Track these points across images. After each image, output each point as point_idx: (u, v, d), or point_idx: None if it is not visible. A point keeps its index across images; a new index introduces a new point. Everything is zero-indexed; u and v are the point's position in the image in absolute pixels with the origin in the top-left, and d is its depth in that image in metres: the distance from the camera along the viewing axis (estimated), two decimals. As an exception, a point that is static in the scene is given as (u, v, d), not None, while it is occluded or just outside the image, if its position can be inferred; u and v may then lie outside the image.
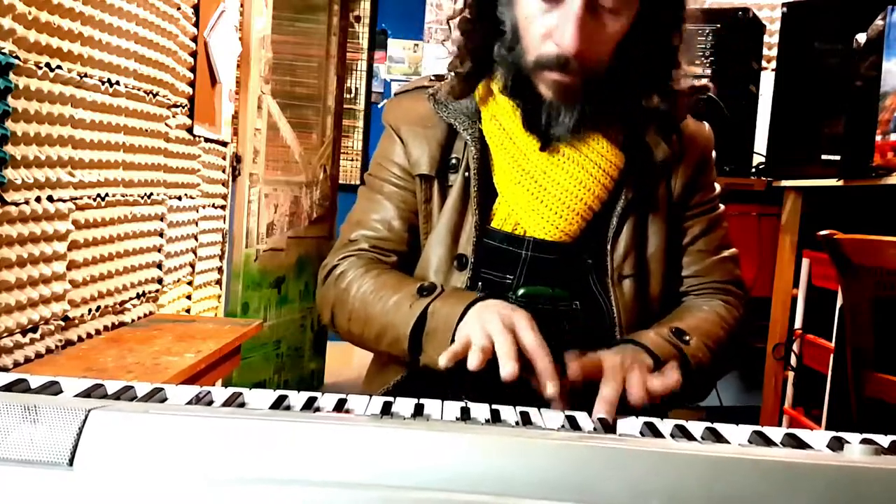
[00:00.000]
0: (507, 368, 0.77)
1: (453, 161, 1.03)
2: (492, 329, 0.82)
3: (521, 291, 0.98)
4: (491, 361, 0.79)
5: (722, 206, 1.10)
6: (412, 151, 1.04)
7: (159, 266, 2.00)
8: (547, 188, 0.96)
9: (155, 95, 1.88)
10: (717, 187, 1.10)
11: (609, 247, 0.99)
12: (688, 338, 0.94)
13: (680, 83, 1.00)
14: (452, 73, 1.03)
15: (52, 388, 0.67)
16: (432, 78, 1.09)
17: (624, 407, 0.81)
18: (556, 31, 0.88)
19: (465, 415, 0.72)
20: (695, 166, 1.05)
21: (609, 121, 0.98)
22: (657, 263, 1.02)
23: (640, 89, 0.97)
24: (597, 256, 0.99)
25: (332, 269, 1.06)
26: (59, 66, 1.43)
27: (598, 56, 0.91)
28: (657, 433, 0.69)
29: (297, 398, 0.72)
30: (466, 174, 1.01)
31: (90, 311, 1.64)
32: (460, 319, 0.87)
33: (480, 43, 1.00)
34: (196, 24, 2.12)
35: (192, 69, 2.12)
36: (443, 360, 0.81)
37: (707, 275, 1.06)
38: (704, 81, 1.05)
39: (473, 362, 0.79)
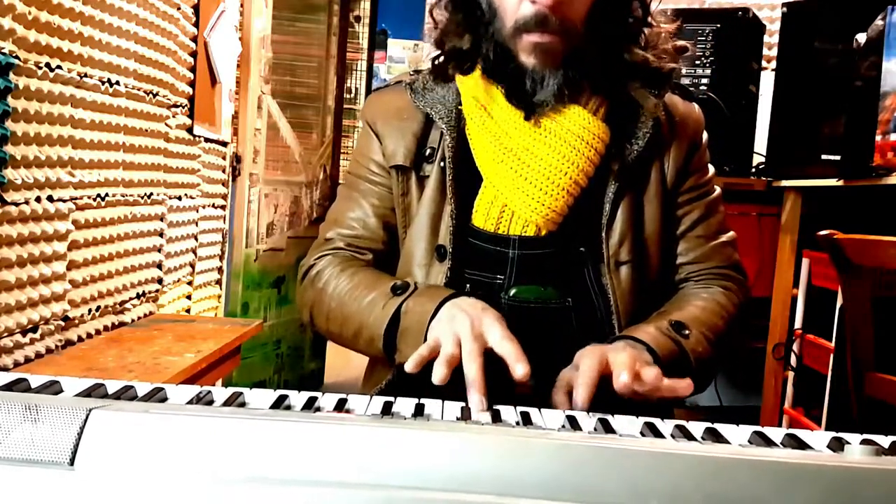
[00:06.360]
0: (474, 398, 0.76)
1: (428, 151, 1.02)
2: (461, 335, 0.81)
3: (512, 292, 0.97)
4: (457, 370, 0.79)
5: (718, 189, 1.09)
6: (388, 144, 1.04)
7: (159, 266, 2.00)
8: (531, 164, 0.95)
9: (155, 95, 1.88)
10: (712, 169, 1.09)
11: (604, 233, 0.97)
12: (687, 331, 0.93)
13: (660, 39, 1.01)
14: (442, 52, 1.04)
15: (52, 388, 0.67)
16: (412, 73, 1.09)
17: (626, 404, 0.81)
18: None
19: (465, 415, 0.72)
20: (687, 148, 1.04)
21: (592, 88, 0.98)
22: (654, 248, 1.00)
23: (621, 44, 0.97)
24: (591, 244, 0.98)
25: (310, 268, 1.06)
26: (59, 66, 1.43)
27: (575, 12, 0.92)
28: (657, 433, 0.69)
29: (297, 398, 0.72)
30: (442, 164, 1.00)
31: (90, 311, 1.64)
32: (433, 317, 0.87)
33: (463, 22, 1.01)
34: (196, 24, 2.12)
35: (192, 69, 2.12)
36: (409, 366, 0.81)
37: (706, 260, 1.04)
38: (683, 42, 1.04)
39: (438, 376, 0.77)
